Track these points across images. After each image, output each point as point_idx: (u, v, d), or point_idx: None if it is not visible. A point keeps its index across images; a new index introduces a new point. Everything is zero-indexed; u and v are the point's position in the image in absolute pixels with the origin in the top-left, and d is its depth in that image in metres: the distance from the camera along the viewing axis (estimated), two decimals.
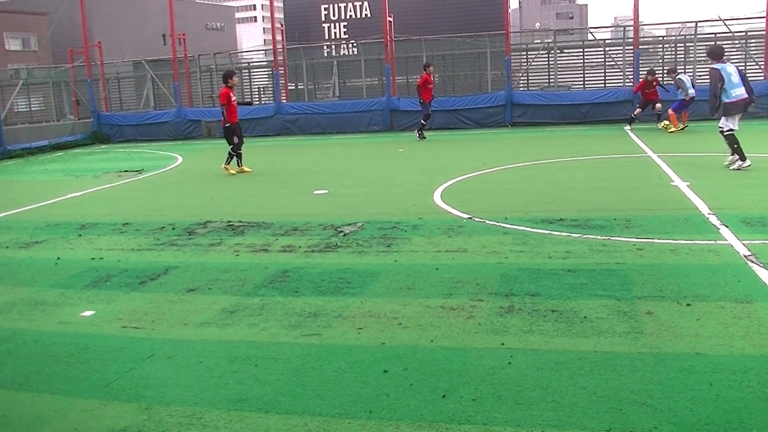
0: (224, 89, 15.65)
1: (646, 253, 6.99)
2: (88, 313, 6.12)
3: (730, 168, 12.02)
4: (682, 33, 27.78)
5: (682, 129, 19.64)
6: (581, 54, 27.71)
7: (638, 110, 21.35)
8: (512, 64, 25.57)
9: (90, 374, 4.75)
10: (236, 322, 5.62)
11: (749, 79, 21.92)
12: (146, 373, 4.70)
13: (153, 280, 7.03)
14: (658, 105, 20.78)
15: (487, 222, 8.83)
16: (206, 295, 6.41)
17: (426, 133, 21.83)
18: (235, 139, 15.47)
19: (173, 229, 9.52)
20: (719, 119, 12.32)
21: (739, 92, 12.15)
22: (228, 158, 15.54)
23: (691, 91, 19.66)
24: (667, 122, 19.98)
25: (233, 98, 15.67)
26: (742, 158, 11.98)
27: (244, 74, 32.77)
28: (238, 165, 15.65)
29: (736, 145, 12.05)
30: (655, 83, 21.13)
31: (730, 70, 12.28)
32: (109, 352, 5.13)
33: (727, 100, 12.18)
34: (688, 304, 5.41)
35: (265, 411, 4.08)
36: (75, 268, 7.73)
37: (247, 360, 4.83)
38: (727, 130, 12.15)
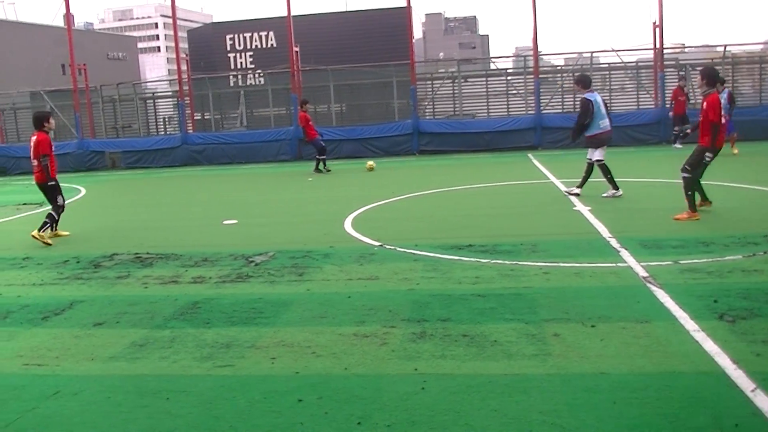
0: (45, 135, 11.40)
1: (552, 277, 7.20)
2: None
3: (602, 195, 12.25)
4: (578, 62, 28.88)
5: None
6: (484, 83, 28.44)
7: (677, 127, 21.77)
8: (418, 93, 26.04)
9: None
10: (146, 356, 5.50)
11: (639, 107, 22.85)
12: (50, 412, 4.54)
13: (57, 315, 6.81)
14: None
15: (398, 249, 8.93)
16: (114, 329, 6.25)
17: (334, 162, 21.91)
18: (60, 200, 11.40)
19: (78, 262, 9.26)
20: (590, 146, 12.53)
21: (606, 123, 12.37)
22: (48, 223, 11.08)
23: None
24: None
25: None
26: (615, 187, 12.24)
27: (149, 104, 32.25)
28: (54, 228, 11.33)
29: (609, 175, 12.28)
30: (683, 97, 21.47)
31: (599, 100, 12.45)
32: (10, 391, 4.93)
33: (596, 131, 12.30)
34: (592, 326, 5.60)
35: None
36: None
37: (157, 394, 4.73)
38: (596, 160, 12.37)
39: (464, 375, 4.76)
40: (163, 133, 31.71)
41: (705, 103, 10.00)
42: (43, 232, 10.82)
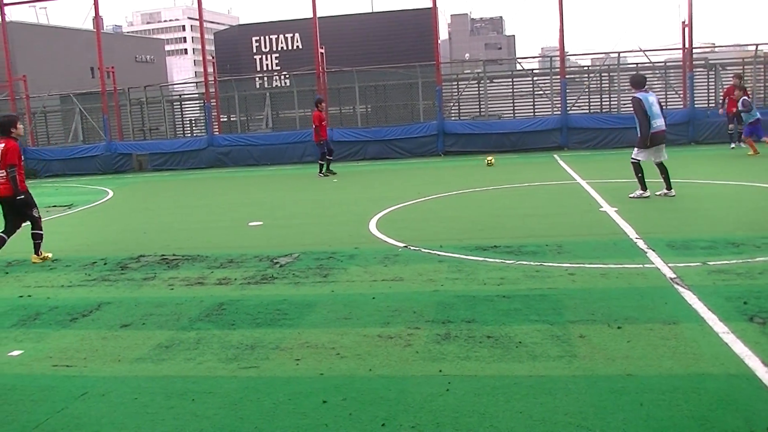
0: (15, 143, 9.78)
1: (578, 278, 7.15)
2: (15, 352, 5.94)
3: (629, 196, 12.08)
4: (606, 63, 28.66)
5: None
6: (510, 83, 28.31)
7: (731, 125, 21.04)
8: (443, 94, 25.99)
9: (18, 415, 4.60)
10: (172, 357, 5.54)
11: (668, 107, 22.50)
12: (79, 412, 4.58)
13: (85, 316, 6.88)
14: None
15: (423, 250, 8.91)
16: (140, 331, 6.30)
17: (360, 163, 21.91)
18: (36, 212, 10.03)
19: (105, 264, 9.34)
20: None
21: (658, 123, 12.05)
22: (40, 242, 10.02)
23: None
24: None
25: None
26: (643, 188, 12.02)
27: (175, 106, 32.48)
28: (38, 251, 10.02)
29: (640, 174, 12.05)
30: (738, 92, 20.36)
31: (651, 99, 12.15)
32: (39, 392, 4.98)
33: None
34: (618, 327, 5.55)
35: None
36: (1, 306, 7.49)
37: (183, 395, 4.76)
38: (633, 158, 12.11)
39: (489, 376, 4.74)
40: (189, 135, 31.92)
41: None
42: (41, 253, 9.90)
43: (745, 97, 19.52)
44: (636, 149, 12.13)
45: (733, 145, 20.82)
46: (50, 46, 51.54)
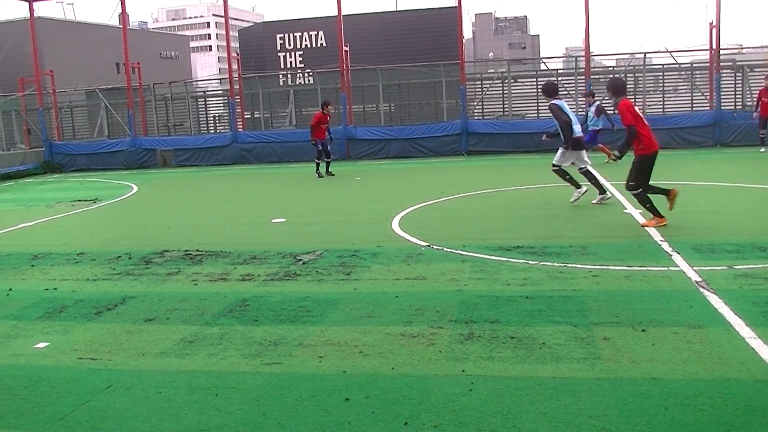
0: None
1: (602, 280, 7.11)
2: (42, 344, 6.01)
3: (592, 202, 12.12)
4: (631, 63, 28.42)
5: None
6: (534, 83, 28.16)
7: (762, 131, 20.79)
8: (467, 93, 25.88)
9: (44, 407, 4.66)
10: (195, 352, 5.57)
11: (694, 108, 22.15)
12: (103, 405, 4.63)
13: (109, 310, 6.94)
14: None
15: (446, 249, 8.90)
16: (164, 325, 6.35)
17: (383, 162, 21.86)
18: None
19: (129, 258, 9.41)
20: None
21: (578, 128, 12.34)
22: None
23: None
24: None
25: None
26: (577, 185, 12.17)
27: (200, 103, 32.65)
28: None
29: (568, 176, 12.27)
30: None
31: (567, 106, 12.42)
32: (65, 384, 5.04)
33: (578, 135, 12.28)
34: (643, 330, 5.52)
35: None
36: (28, 299, 7.58)
37: (207, 390, 4.79)
38: (556, 166, 12.31)
39: (512, 377, 4.73)
40: (213, 131, 32.05)
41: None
42: None
43: (599, 102, 19.50)
44: (559, 155, 12.31)
45: (763, 149, 20.55)
46: (77, 41, 52.01)
